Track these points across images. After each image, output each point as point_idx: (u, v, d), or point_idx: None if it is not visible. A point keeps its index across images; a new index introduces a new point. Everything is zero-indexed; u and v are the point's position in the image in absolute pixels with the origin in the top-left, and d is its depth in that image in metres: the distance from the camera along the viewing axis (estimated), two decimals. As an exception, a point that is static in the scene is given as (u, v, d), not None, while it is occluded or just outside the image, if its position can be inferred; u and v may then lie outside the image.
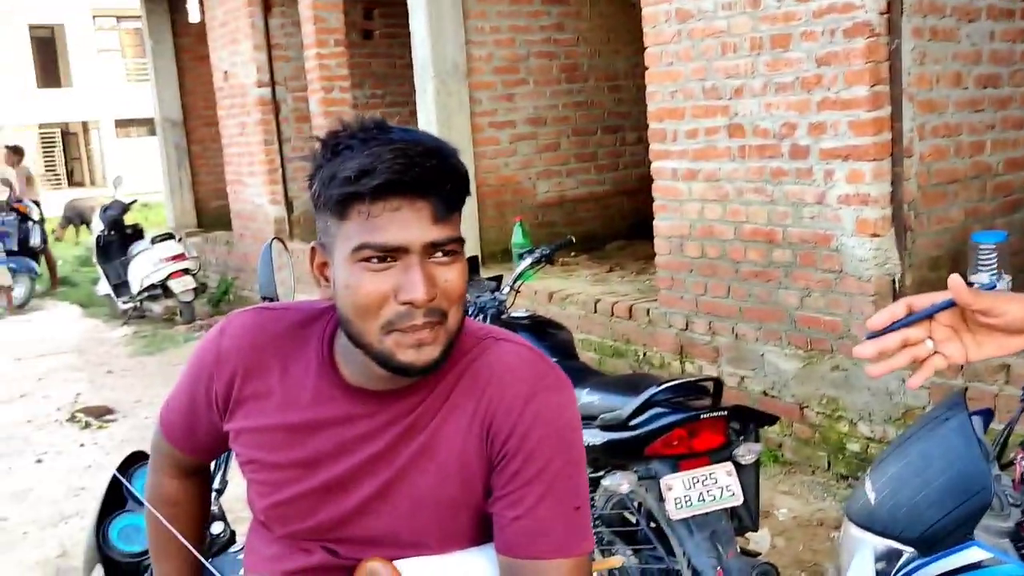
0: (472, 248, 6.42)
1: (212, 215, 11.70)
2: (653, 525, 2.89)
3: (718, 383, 2.87)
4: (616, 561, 1.96)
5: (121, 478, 1.94)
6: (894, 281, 4.11)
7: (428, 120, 6.64)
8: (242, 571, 1.69)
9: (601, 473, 2.87)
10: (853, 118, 4.04)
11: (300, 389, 1.37)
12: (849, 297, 4.17)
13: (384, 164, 1.20)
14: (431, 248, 1.24)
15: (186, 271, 9.21)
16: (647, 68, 5.03)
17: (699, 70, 4.71)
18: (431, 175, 1.22)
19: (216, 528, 1.88)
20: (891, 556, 1.95)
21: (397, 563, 1.28)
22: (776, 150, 4.40)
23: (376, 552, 1.33)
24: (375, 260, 1.23)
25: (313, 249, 1.33)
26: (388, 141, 1.22)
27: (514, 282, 3.79)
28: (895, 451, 2.12)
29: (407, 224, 1.22)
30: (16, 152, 12.97)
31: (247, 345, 1.40)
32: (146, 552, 1.86)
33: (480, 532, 1.36)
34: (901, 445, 2.11)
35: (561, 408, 1.32)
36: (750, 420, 2.86)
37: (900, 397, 3.97)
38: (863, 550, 2.01)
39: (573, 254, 6.74)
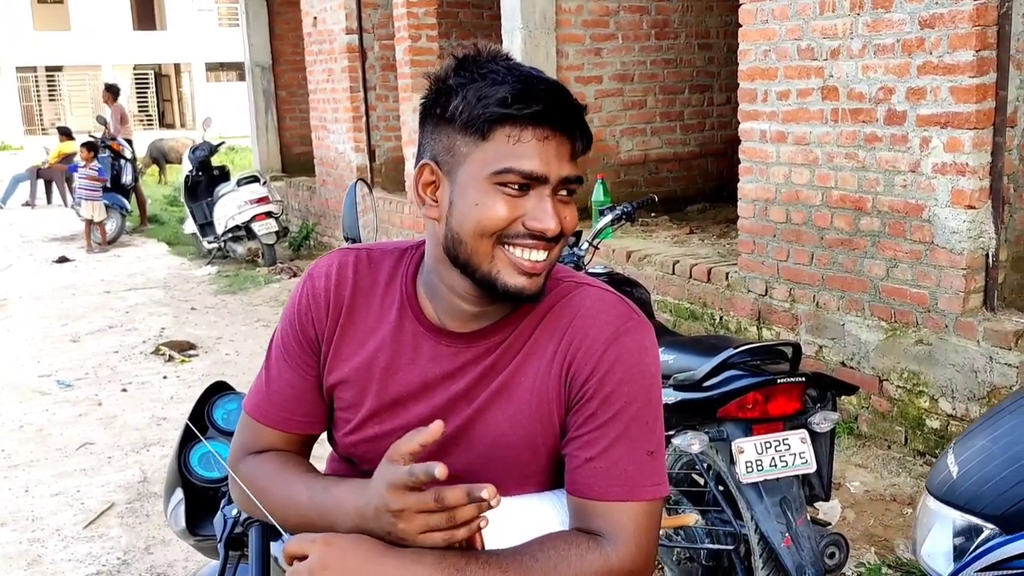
0: (552, 203, 6.39)
1: (296, 160, 11.86)
2: (721, 488, 2.87)
3: (797, 349, 2.82)
4: (688, 519, 1.94)
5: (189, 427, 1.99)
6: (987, 256, 3.97)
7: (514, 72, 6.59)
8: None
9: (672, 432, 2.86)
10: (955, 84, 3.89)
11: (384, 329, 1.38)
12: (938, 270, 4.05)
13: (541, 93, 1.25)
14: (561, 184, 1.28)
15: (269, 214, 9.37)
16: (740, 25, 4.91)
17: (795, 29, 4.57)
18: (576, 113, 1.29)
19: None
20: (970, 532, 1.90)
21: None
22: (871, 115, 4.26)
23: None
24: (514, 186, 1.26)
25: (422, 168, 1.33)
26: (530, 73, 1.27)
27: (593, 238, 3.76)
28: (983, 425, 2.05)
29: (550, 156, 1.26)
30: (111, 91, 13.30)
31: (334, 286, 1.41)
32: (223, 479, 1.92)
33: (557, 475, 1.36)
34: (990, 419, 2.04)
35: (642, 352, 1.32)
36: (828, 388, 2.80)
37: (986, 375, 3.85)
38: (941, 524, 1.96)
39: (653, 215, 6.67)
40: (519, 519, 1.30)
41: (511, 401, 1.33)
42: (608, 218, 3.79)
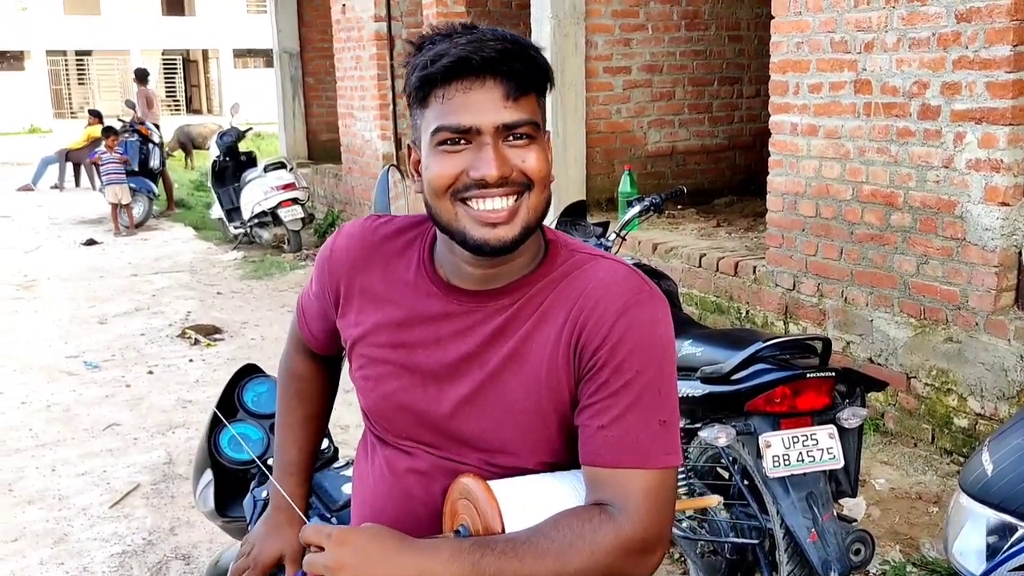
0: (578, 194, 6.38)
1: (322, 147, 11.90)
2: (747, 482, 2.86)
3: (827, 343, 2.79)
4: (712, 500, 1.93)
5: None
6: (1020, 253, 3.92)
7: (542, 62, 6.56)
8: (346, 486, 1.74)
9: (698, 425, 2.85)
10: (991, 79, 3.83)
11: (401, 287, 1.43)
12: (970, 267, 4.00)
13: (456, 48, 1.26)
14: (504, 130, 1.27)
15: (295, 200, 9.40)
16: (773, 17, 4.86)
17: (828, 22, 4.53)
18: (499, 54, 1.26)
19: (321, 444, 1.93)
20: (1004, 530, 1.87)
21: (491, 483, 1.31)
22: (904, 109, 4.21)
23: (469, 452, 1.38)
24: (449, 143, 1.28)
25: (409, 148, 1.40)
26: (464, 35, 1.29)
27: (621, 229, 3.75)
28: (1018, 423, 2.02)
29: (479, 105, 1.26)
30: (139, 75, 13.38)
31: (356, 245, 1.48)
32: (252, 461, 1.93)
33: (569, 444, 1.37)
34: (1027, 417, 2.01)
35: (654, 322, 1.31)
36: (857, 384, 2.78)
37: (1016, 374, 3.81)
38: (974, 522, 1.94)
39: (680, 207, 6.63)
40: (538, 499, 1.31)
41: (523, 367, 1.35)
42: (636, 209, 3.77)
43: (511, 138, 1.28)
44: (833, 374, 2.69)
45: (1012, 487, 1.89)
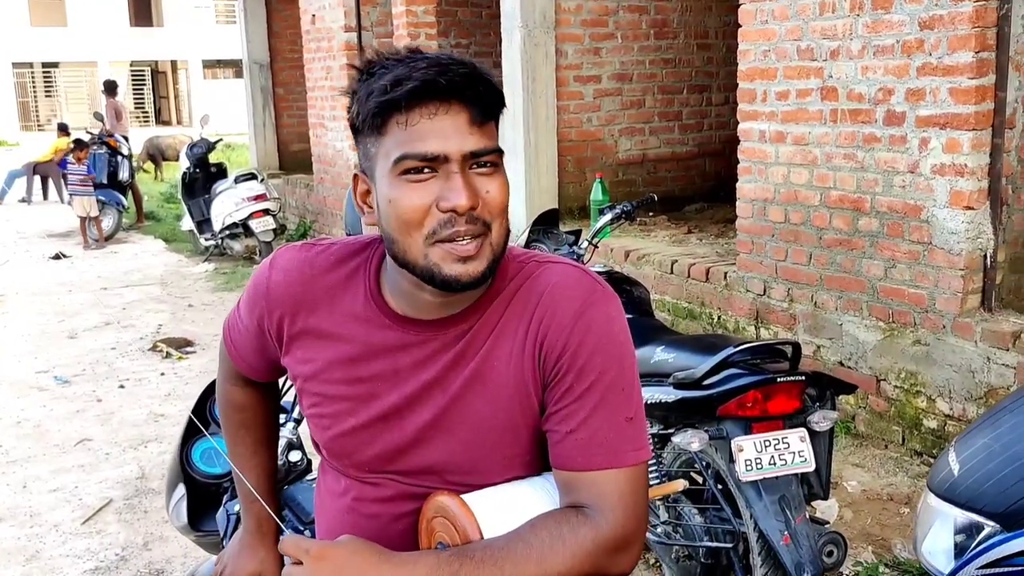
0: (550, 202, 6.40)
1: (293, 158, 11.85)
2: (720, 486, 2.88)
3: (797, 348, 2.82)
4: (677, 485, 1.93)
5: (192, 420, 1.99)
6: (985, 256, 3.98)
7: (512, 71, 6.59)
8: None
9: (671, 431, 2.87)
10: (954, 85, 3.90)
11: (351, 321, 1.37)
12: (936, 270, 4.06)
13: (418, 72, 1.21)
14: (470, 158, 1.23)
15: (267, 211, 9.35)
16: (740, 26, 4.92)
17: (794, 30, 4.58)
18: (464, 79, 1.22)
19: (294, 456, 1.93)
20: (971, 529, 1.91)
21: (465, 496, 1.30)
22: (870, 115, 4.27)
23: (437, 479, 1.35)
24: (415, 172, 1.22)
25: (356, 178, 1.33)
26: (422, 59, 1.24)
27: (593, 237, 3.78)
28: (984, 423, 2.06)
29: (445, 132, 1.21)
30: (108, 87, 13.28)
31: (295, 280, 1.40)
32: (225, 475, 1.92)
33: (541, 455, 1.36)
34: (991, 417, 2.05)
35: (610, 322, 1.31)
36: (828, 387, 2.81)
37: (983, 376, 3.86)
38: (942, 521, 1.97)
39: (651, 214, 6.67)
40: (513, 507, 1.31)
41: (487, 386, 1.33)
42: (608, 217, 3.79)
43: (476, 166, 1.24)
44: (803, 378, 2.72)
45: (978, 486, 1.92)
